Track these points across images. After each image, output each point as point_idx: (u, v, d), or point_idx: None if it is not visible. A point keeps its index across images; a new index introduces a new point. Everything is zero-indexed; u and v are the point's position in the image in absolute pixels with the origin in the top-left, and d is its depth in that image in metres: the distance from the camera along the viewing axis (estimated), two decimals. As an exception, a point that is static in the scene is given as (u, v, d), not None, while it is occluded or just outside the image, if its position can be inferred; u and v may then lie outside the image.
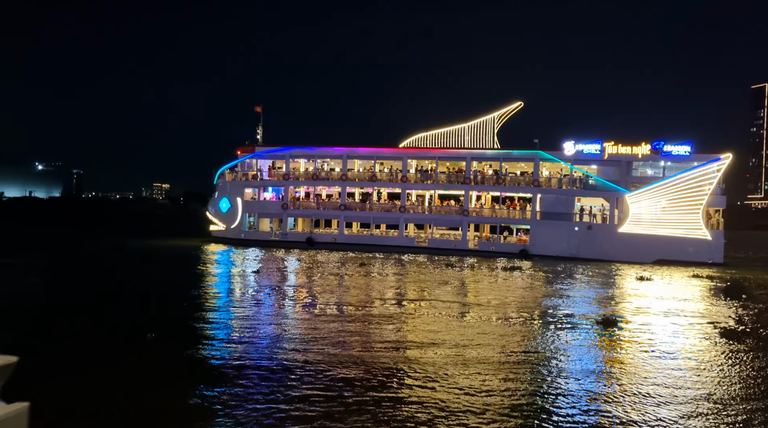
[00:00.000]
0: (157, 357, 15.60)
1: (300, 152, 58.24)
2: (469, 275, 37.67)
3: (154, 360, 15.38)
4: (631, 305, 27.03)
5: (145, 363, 14.99)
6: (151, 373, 14.18)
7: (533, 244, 52.00)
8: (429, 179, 55.77)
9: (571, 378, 14.76)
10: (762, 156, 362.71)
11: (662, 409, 12.68)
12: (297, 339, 17.96)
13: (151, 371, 14.38)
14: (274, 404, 12.13)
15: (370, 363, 15.27)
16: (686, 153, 49.56)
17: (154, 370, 14.46)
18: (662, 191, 48.74)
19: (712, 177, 47.84)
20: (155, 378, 13.86)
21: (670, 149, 49.64)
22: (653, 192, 48.96)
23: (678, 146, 49.55)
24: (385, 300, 25.91)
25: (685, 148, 49.54)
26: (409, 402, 12.48)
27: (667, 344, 19.00)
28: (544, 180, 53.20)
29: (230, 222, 58.03)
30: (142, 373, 14.15)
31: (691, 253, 48.05)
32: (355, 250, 52.91)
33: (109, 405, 12.07)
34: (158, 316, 21.16)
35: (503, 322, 21.57)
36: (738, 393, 14.01)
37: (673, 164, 50.38)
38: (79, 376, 13.77)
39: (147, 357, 15.63)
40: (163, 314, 21.74)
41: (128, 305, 23.48)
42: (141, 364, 14.88)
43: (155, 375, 14.08)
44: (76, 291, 26.86)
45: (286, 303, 24.93)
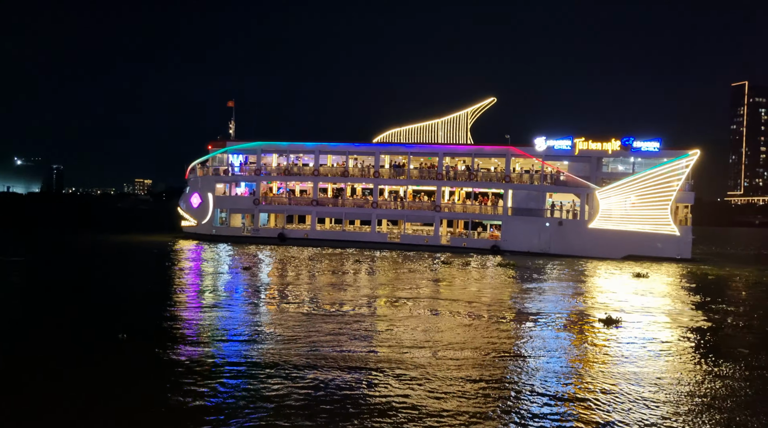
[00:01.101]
0: (130, 358, 15.29)
1: (272, 146, 57.81)
2: (443, 272, 37.53)
3: (127, 360, 15.08)
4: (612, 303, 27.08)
5: (117, 364, 14.69)
6: (123, 374, 13.93)
7: (505, 240, 52.07)
8: (402, 174, 55.62)
9: (551, 376, 14.79)
10: (742, 153, 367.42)
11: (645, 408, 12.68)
12: (272, 338, 17.61)
13: (123, 372, 14.12)
14: (247, 405, 11.95)
15: (345, 363, 15.04)
16: (655, 149, 49.83)
17: (126, 371, 14.19)
18: (631, 187, 48.98)
19: (680, 173, 48.13)
20: (127, 378, 13.61)
21: (639, 145, 49.87)
22: (622, 188, 49.19)
23: (647, 142, 49.79)
24: (367, 298, 25.49)
25: (654, 144, 49.80)
26: (383, 404, 12.29)
27: (650, 341, 19.01)
28: (515, 176, 53.27)
29: (201, 218, 57.48)
30: (114, 374, 13.88)
31: (660, 249, 48.37)
32: (328, 246, 52.64)
33: (80, 406, 11.83)
34: (129, 315, 20.68)
35: (488, 321, 21.32)
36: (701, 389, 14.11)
37: (642, 160, 50.69)
38: (50, 378, 13.49)
39: (119, 357, 15.31)
40: (134, 313, 21.26)
41: (98, 304, 22.94)
42: (112, 365, 14.59)
43: (127, 375, 13.82)
44: (45, 290, 26.24)
45: (260, 301, 24.56)
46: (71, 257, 40.57)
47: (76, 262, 37.63)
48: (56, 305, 22.48)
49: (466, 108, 57.88)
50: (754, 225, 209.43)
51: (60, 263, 37.08)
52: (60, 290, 26.24)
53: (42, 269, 33.38)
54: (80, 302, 23.12)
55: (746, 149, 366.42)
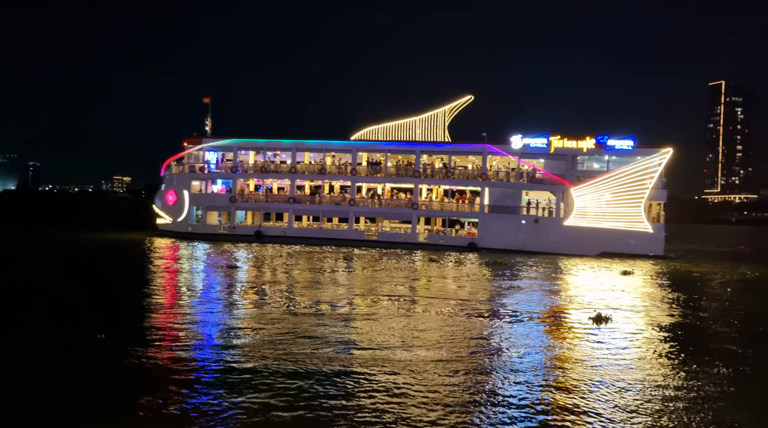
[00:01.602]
0: (109, 359, 14.94)
1: (248, 143, 57.41)
2: (423, 269, 37.50)
3: (106, 361, 14.77)
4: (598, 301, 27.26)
5: (96, 365, 14.41)
6: (102, 375, 13.67)
7: (481, 237, 52.29)
8: (379, 172, 55.57)
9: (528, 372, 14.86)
10: (718, 152, 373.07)
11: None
12: (252, 338, 17.36)
13: (102, 373, 13.84)
14: (227, 407, 11.77)
15: (324, 363, 14.88)
16: (629, 147, 50.35)
17: (105, 372, 13.92)
18: (605, 185, 49.46)
19: (653, 171, 48.71)
20: (106, 380, 13.37)
21: (613, 143, 50.36)
22: (597, 186, 49.66)
23: (621, 141, 50.30)
24: (346, 297, 25.21)
25: (627, 142, 50.32)
26: (364, 404, 12.18)
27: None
28: (492, 174, 53.51)
29: (177, 216, 56.91)
30: (93, 375, 13.63)
31: (634, 246, 48.92)
32: (305, 243, 52.44)
33: (58, 409, 11.61)
34: (107, 315, 20.26)
35: (478, 319, 21.22)
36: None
37: (616, 158, 51.21)
38: (30, 378, 13.23)
39: (98, 359, 14.98)
40: (111, 313, 20.84)
41: (74, 304, 22.42)
42: (92, 366, 14.32)
43: (107, 377, 13.57)
44: (18, 290, 25.56)
45: (239, 300, 24.12)
46: (44, 256, 39.79)
47: (50, 261, 36.89)
48: (32, 305, 21.98)
49: (443, 106, 57.99)
50: (730, 223, 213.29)
51: (33, 262, 36.32)
52: (33, 290, 25.63)
53: (14, 269, 32.59)
54: (56, 302, 22.62)
55: (723, 148, 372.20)
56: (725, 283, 35.46)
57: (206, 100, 59.92)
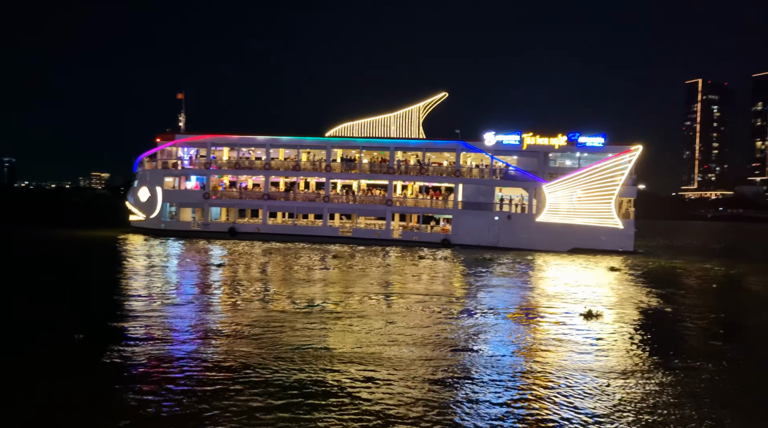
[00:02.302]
0: (88, 359, 14.80)
1: (221, 140, 57.09)
2: (398, 266, 37.61)
3: (85, 361, 14.63)
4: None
5: (76, 365, 14.32)
6: (81, 375, 13.61)
7: (455, 233, 52.62)
8: (353, 168, 55.61)
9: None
10: (695, 149, 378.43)
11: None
12: (230, 336, 17.24)
13: (81, 373, 13.77)
14: (208, 407, 11.73)
15: (304, 360, 14.88)
16: (600, 144, 50.98)
17: (85, 372, 13.84)
18: (576, 182, 50.03)
19: (623, 168, 49.36)
20: (86, 380, 13.32)
21: (584, 140, 50.95)
22: (568, 183, 50.20)
23: (592, 138, 50.91)
24: (325, 295, 25.06)
25: (598, 139, 50.95)
26: (346, 402, 12.17)
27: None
28: (465, 170, 53.82)
29: (150, 212, 56.47)
30: (74, 376, 13.55)
31: (604, 241, 49.59)
32: (279, 240, 52.34)
33: (42, 410, 11.54)
34: (82, 315, 19.98)
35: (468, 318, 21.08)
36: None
37: (588, 155, 51.79)
38: (9, 379, 13.13)
39: (77, 359, 14.86)
40: (87, 312, 20.55)
41: (48, 303, 22.13)
42: (71, 366, 14.23)
43: (86, 377, 13.51)
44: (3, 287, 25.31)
45: (216, 298, 23.94)
46: (19, 254, 39.08)
47: (24, 260, 36.22)
48: (6, 305, 21.57)
49: (418, 103, 58.14)
50: (706, 219, 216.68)
51: (6, 261, 35.62)
52: (6, 289, 25.11)
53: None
54: (30, 302, 22.26)
55: (699, 145, 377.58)
56: (689, 278, 36.15)
57: (180, 96, 59.52)
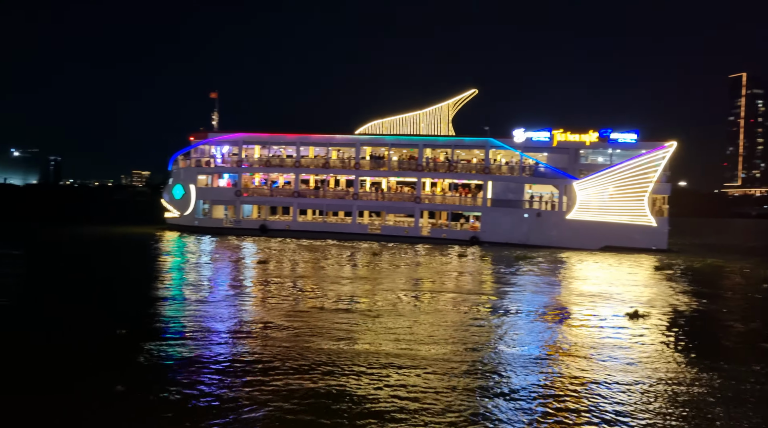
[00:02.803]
0: (130, 354, 15.12)
1: (253, 138, 57.97)
2: (428, 263, 37.68)
3: (127, 357, 14.92)
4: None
5: (118, 361, 14.63)
6: (124, 371, 13.86)
7: (484, 231, 52.36)
8: (382, 166, 55.80)
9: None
10: (739, 145, 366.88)
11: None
12: (265, 334, 17.46)
13: (124, 369, 14.04)
14: (244, 404, 11.89)
15: (335, 358, 15.06)
16: (632, 141, 50.02)
17: (127, 368, 14.10)
18: (608, 179, 49.19)
19: (657, 165, 48.31)
20: (129, 376, 13.53)
21: (616, 136, 50.06)
22: (600, 180, 49.41)
23: (624, 134, 49.99)
24: (356, 293, 25.20)
25: (631, 136, 50.00)
26: (371, 400, 12.27)
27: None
28: (494, 167, 53.47)
29: (184, 209, 57.74)
30: (117, 370, 13.84)
31: (637, 239, 48.67)
32: (309, 237, 52.89)
33: (85, 405, 11.83)
34: (124, 310, 20.44)
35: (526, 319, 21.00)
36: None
37: (620, 152, 50.89)
38: (57, 374, 13.43)
39: (120, 353, 15.20)
40: (129, 308, 20.99)
41: (92, 298, 22.85)
42: (114, 361, 14.55)
43: (129, 373, 13.77)
44: (37, 285, 26.02)
45: (249, 295, 24.12)
46: (64, 251, 40.09)
47: (68, 256, 37.32)
48: (52, 300, 22.23)
49: (448, 100, 58.00)
50: (750, 216, 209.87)
51: (49, 256, 36.82)
52: (51, 284, 26.10)
53: (33, 263, 33.07)
54: (73, 297, 22.97)
55: (743, 141, 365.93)
56: (729, 277, 35.25)
57: (213, 95, 60.63)
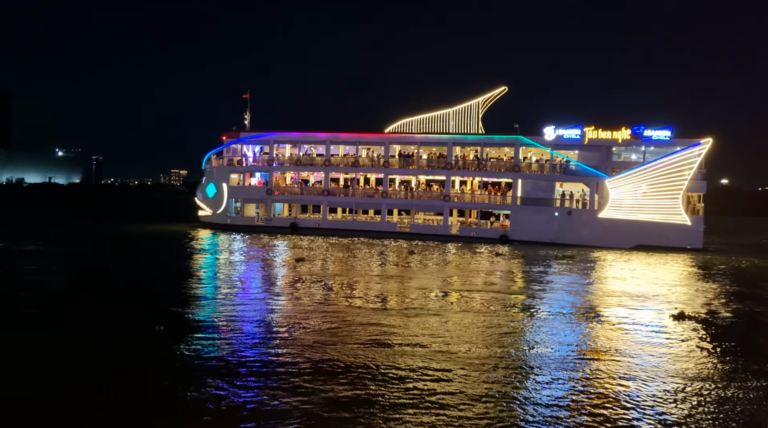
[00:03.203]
0: (168, 350, 15.65)
1: (284, 137, 58.64)
2: (459, 262, 37.69)
3: (166, 353, 15.45)
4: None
5: (158, 357, 15.19)
6: (163, 367, 14.38)
7: (513, 229, 51.93)
8: (411, 164, 55.83)
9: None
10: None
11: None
12: (302, 333, 17.76)
13: (164, 365, 14.56)
14: (281, 404, 12.22)
15: (365, 358, 15.37)
16: (666, 138, 48.91)
17: (167, 364, 14.61)
18: (641, 177, 48.24)
19: (692, 162, 47.17)
20: (170, 371, 14.06)
21: (650, 133, 49.00)
22: (633, 177, 48.49)
23: (658, 131, 48.88)
24: (388, 292, 25.45)
25: (665, 133, 48.88)
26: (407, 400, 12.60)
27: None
28: (524, 165, 52.96)
29: (216, 207, 58.81)
30: (155, 367, 14.40)
31: (671, 239, 47.62)
32: (338, 235, 53.28)
33: (124, 398, 12.39)
34: (164, 307, 21.01)
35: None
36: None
37: (654, 149, 49.84)
38: (97, 371, 13.96)
39: (158, 349, 15.71)
40: (167, 304, 21.49)
41: (131, 294, 23.65)
42: (153, 357, 15.09)
43: (169, 368, 14.30)
44: (80, 281, 27.14)
45: (285, 294, 24.43)
46: (104, 249, 41.26)
47: (104, 253, 38.67)
48: (92, 297, 23.01)
49: (477, 97, 57.66)
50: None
51: (92, 254, 38.03)
52: (91, 281, 27.09)
53: (74, 263, 34.08)
54: (113, 293, 23.81)
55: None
56: (764, 279, 34.27)
57: (245, 96, 61.47)
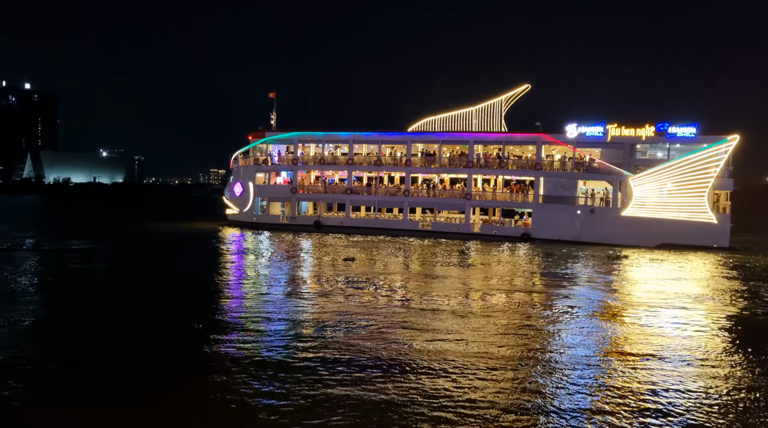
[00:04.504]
0: (207, 347, 16.34)
1: (308, 136, 59.57)
2: (483, 260, 37.96)
3: (205, 350, 16.14)
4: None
5: (198, 353, 15.90)
6: (202, 363, 15.10)
7: (535, 227, 51.69)
8: (433, 162, 56.06)
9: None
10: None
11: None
12: (330, 331, 18.29)
13: (202, 361, 15.26)
14: (318, 403, 12.73)
15: (390, 356, 15.88)
16: (691, 135, 47.96)
17: (205, 362, 15.27)
18: (666, 174, 47.43)
19: (718, 159, 46.17)
20: (208, 367, 14.74)
21: (674, 130, 48.15)
22: (657, 175, 47.72)
23: (683, 128, 47.99)
24: (414, 291, 25.74)
25: (690, 129, 47.94)
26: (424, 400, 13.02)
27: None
28: (546, 163, 52.62)
29: (243, 206, 60.15)
30: (195, 362, 15.16)
31: (696, 237, 46.72)
32: (362, 233, 53.93)
33: (166, 394, 13.14)
34: (201, 305, 21.74)
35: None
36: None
37: (680, 146, 48.91)
38: (151, 369, 14.71)
39: (198, 346, 16.39)
40: (205, 303, 22.22)
41: (166, 292, 24.71)
42: (193, 354, 15.84)
43: (208, 364, 15.00)
44: (121, 279, 28.40)
45: (319, 293, 24.85)
46: (149, 247, 42.68)
47: (142, 250, 40.21)
48: (133, 294, 24.15)
49: (500, 95, 57.45)
50: None
51: (137, 252, 39.71)
52: (132, 278, 28.36)
53: (114, 258, 35.64)
54: (152, 290, 24.94)
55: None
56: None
57: (272, 95, 62.66)
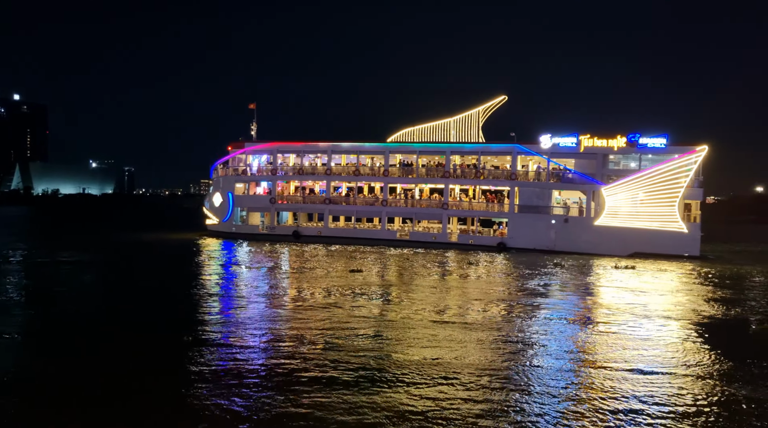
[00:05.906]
0: (197, 359, 16.71)
1: (287, 147, 60.00)
2: (461, 270, 38.36)
3: (196, 363, 16.48)
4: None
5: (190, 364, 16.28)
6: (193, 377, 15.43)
7: (511, 237, 52.20)
8: (410, 173, 56.57)
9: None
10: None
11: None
12: (320, 343, 18.75)
13: (193, 374, 15.61)
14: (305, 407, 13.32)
15: (370, 364, 16.45)
16: (662, 145, 48.74)
17: (195, 374, 15.62)
18: (637, 184, 48.12)
19: (688, 170, 46.92)
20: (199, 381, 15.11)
21: (645, 141, 48.93)
22: (628, 185, 48.40)
23: (653, 139, 48.78)
24: (390, 301, 26.32)
25: (660, 140, 48.74)
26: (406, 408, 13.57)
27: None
28: (521, 173, 53.22)
29: (223, 216, 60.36)
30: (187, 373, 15.56)
31: (667, 246, 47.37)
32: (340, 243, 54.24)
33: (159, 406, 13.50)
34: (191, 316, 22.20)
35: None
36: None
37: (651, 157, 49.66)
38: (141, 382, 15.02)
39: (189, 359, 16.73)
40: (192, 314, 22.67)
41: (155, 303, 25.03)
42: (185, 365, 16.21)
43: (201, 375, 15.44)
44: (110, 290, 28.75)
45: (304, 303, 25.35)
46: (132, 259, 42.72)
47: (135, 262, 40.48)
48: (126, 306, 24.51)
49: (477, 107, 58.17)
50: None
51: (126, 263, 39.88)
52: (120, 290, 28.73)
53: (102, 269, 35.99)
54: (140, 302, 25.30)
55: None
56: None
57: (252, 106, 63.11)
